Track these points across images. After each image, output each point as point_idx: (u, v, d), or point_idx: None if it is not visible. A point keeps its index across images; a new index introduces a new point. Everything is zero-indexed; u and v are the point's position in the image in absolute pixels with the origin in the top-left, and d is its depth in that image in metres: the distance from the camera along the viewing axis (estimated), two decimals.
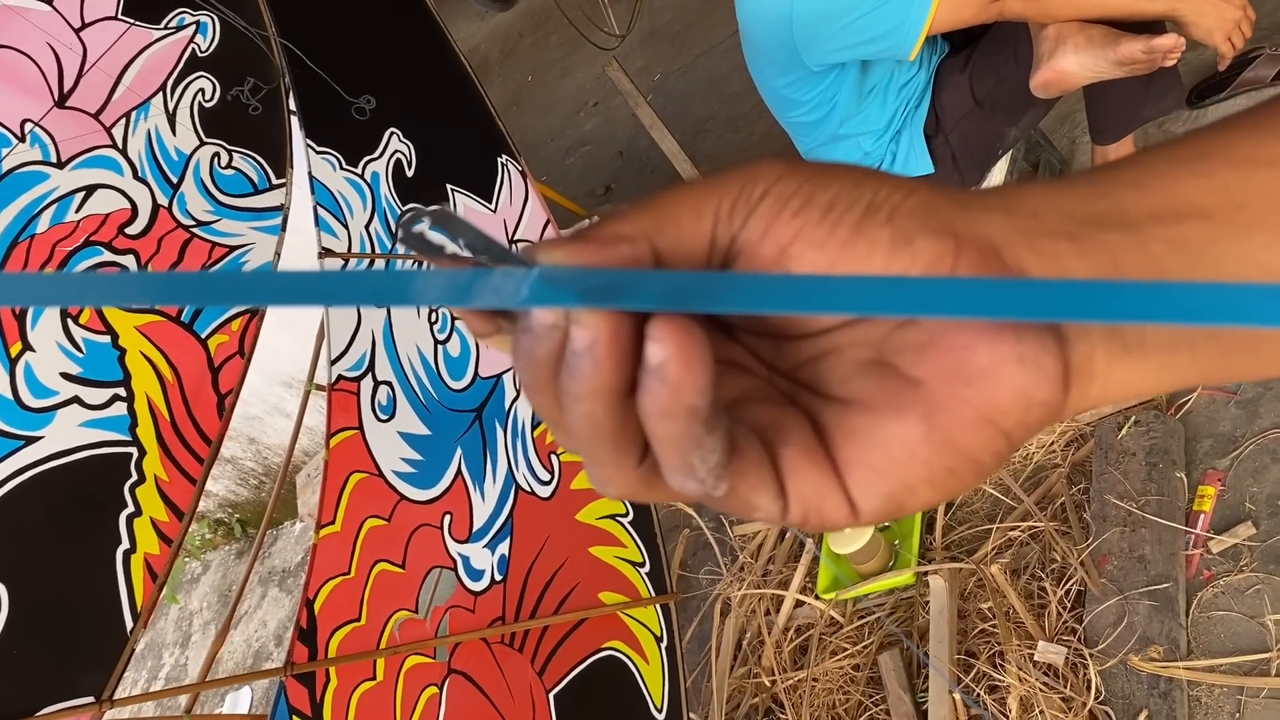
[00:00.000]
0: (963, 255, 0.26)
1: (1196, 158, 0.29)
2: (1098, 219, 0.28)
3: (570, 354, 0.26)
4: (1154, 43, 1.58)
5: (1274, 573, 1.52)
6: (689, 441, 0.26)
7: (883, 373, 0.28)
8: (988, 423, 0.26)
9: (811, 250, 0.27)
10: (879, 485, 0.28)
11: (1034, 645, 1.58)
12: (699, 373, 0.25)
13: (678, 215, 0.28)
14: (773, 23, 1.77)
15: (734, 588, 2.08)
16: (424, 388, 1.80)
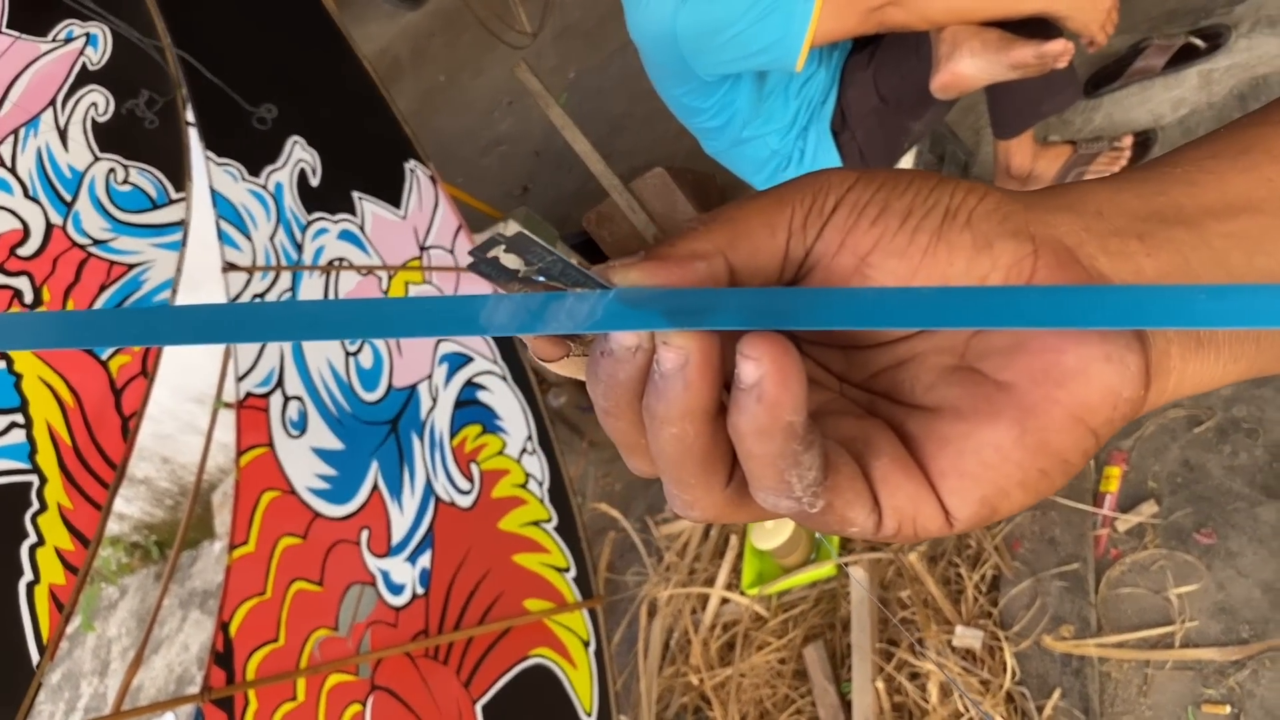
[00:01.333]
0: (1041, 257, 0.27)
1: (1238, 154, 0.30)
2: (1160, 216, 0.28)
3: (658, 376, 0.25)
4: (1043, 49, 1.63)
5: (1176, 548, 1.56)
6: (786, 460, 0.25)
7: (969, 379, 0.28)
8: (1078, 422, 0.26)
9: (892, 259, 0.27)
10: (974, 491, 0.27)
11: (952, 630, 1.61)
12: (795, 389, 0.24)
13: (751, 230, 0.28)
14: (659, 38, 1.79)
15: (660, 588, 2.08)
16: (336, 401, 1.77)
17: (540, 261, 0.25)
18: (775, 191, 0.28)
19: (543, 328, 0.25)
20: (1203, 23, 2.18)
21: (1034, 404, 0.26)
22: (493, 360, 2.01)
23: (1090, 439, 0.27)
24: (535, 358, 0.28)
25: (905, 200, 0.27)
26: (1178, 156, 0.30)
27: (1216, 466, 1.61)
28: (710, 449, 0.26)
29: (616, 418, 0.27)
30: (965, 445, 0.27)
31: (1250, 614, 1.46)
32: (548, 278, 0.25)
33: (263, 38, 2.08)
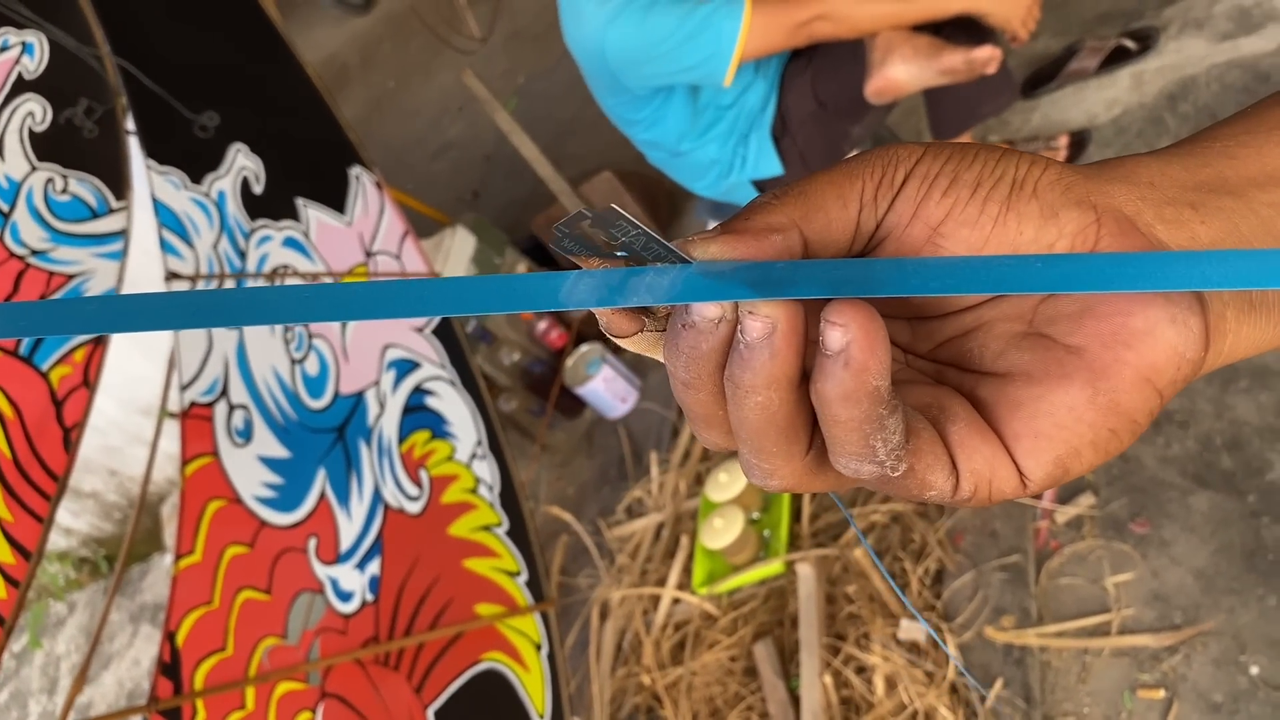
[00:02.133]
0: (1104, 226, 0.28)
1: (1270, 129, 0.32)
2: (1208, 186, 0.30)
3: (743, 346, 0.26)
4: (972, 55, 1.67)
5: (1112, 538, 1.60)
6: (871, 424, 0.26)
7: (1039, 344, 0.29)
8: (1146, 382, 0.27)
9: (964, 228, 0.28)
10: (1049, 452, 0.28)
11: (897, 624, 1.63)
12: (881, 353, 0.25)
13: (824, 203, 0.28)
14: (591, 53, 1.82)
15: (613, 589, 2.09)
16: (282, 409, 1.76)
17: (624, 236, 0.25)
18: (845, 165, 0.29)
19: (623, 300, 0.26)
20: (1134, 25, 2.23)
21: (1105, 365, 0.27)
22: (440, 366, 2.01)
23: (1156, 399, 0.28)
24: (608, 333, 0.29)
25: (974, 171, 0.28)
26: (1213, 133, 0.32)
27: (1151, 458, 1.65)
28: (793, 417, 0.27)
29: (697, 390, 0.28)
30: (1039, 407, 0.28)
31: (1183, 600, 1.50)
32: (629, 253, 0.26)
33: (204, 45, 2.07)
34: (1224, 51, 2.03)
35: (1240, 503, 1.53)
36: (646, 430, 2.46)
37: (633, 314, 0.28)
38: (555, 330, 2.64)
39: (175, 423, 1.65)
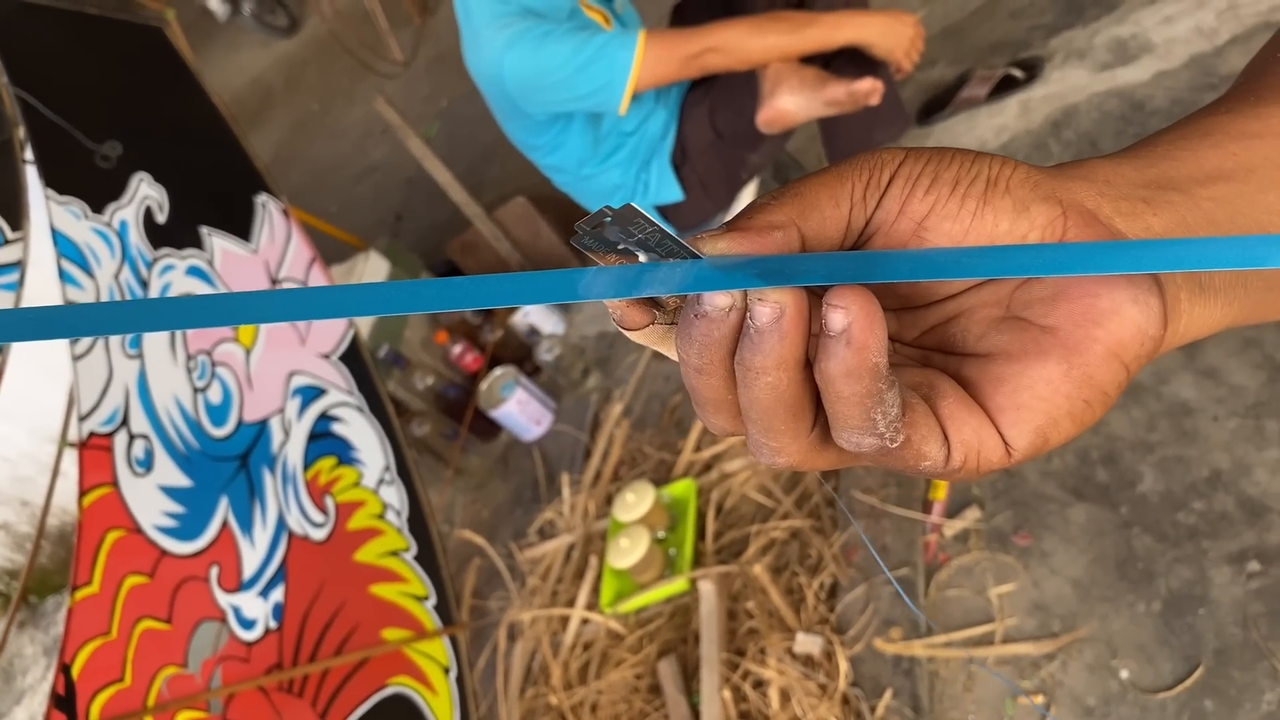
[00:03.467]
0: (1070, 218, 0.31)
1: (1204, 134, 0.36)
2: (1156, 184, 0.33)
3: (754, 331, 0.28)
4: (854, 87, 1.74)
5: (996, 551, 1.66)
6: (872, 398, 0.28)
7: (1016, 326, 0.32)
8: (1114, 357, 0.30)
9: (946, 222, 0.31)
10: (1030, 422, 0.31)
11: (794, 638, 1.68)
12: (880, 332, 0.27)
13: (818, 202, 0.31)
14: (490, 79, 1.85)
15: (523, 611, 2.11)
16: (184, 438, 1.76)
17: (641, 233, 0.28)
18: (836, 168, 0.32)
19: (639, 292, 0.28)
20: (1021, 55, 2.33)
21: (1077, 342, 0.30)
22: (348, 392, 2.02)
23: (1123, 372, 0.31)
24: (621, 325, 0.31)
25: (952, 171, 0.31)
26: (1155, 140, 0.36)
27: (1033, 472, 1.72)
28: (800, 396, 0.30)
29: (709, 375, 0.30)
30: (1019, 382, 0.31)
31: (1061, 609, 1.56)
32: (645, 249, 0.28)
33: (106, 75, 2.06)
34: (1103, 81, 2.13)
35: (1114, 514, 1.60)
36: (561, 452, 2.48)
37: (644, 308, 0.30)
38: (470, 354, 2.66)
39: (75, 453, 1.64)
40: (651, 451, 2.26)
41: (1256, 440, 1.55)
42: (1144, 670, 1.45)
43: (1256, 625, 1.40)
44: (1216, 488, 1.54)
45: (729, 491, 2.03)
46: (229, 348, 1.89)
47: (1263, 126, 0.36)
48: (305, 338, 2.02)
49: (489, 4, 1.85)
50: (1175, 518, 1.55)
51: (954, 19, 2.64)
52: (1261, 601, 1.41)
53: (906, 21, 1.85)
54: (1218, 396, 1.62)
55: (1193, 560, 1.50)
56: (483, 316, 2.76)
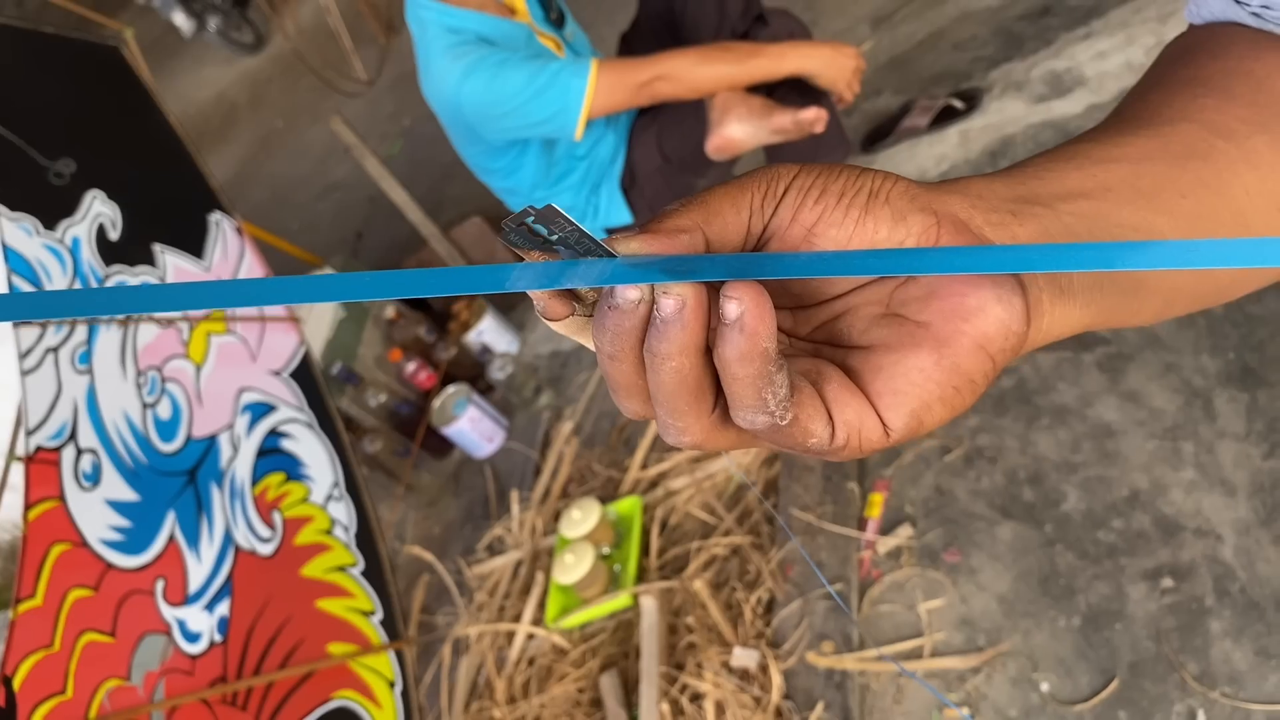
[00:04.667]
0: (943, 227, 0.34)
1: (1068, 159, 0.40)
2: (1023, 199, 0.37)
3: (659, 321, 0.31)
4: (798, 116, 1.80)
5: (927, 567, 1.71)
6: (763, 379, 0.32)
7: (894, 321, 0.35)
8: (980, 349, 0.34)
9: (832, 229, 0.34)
10: (905, 405, 0.35)
11: (730, 652, 1.72)
12: (769, 320, 0.31)
13: (721, 210, 0.34)
14: (447, 106, 1.90)
15: (469, 627, 2.14)
16: (132, 453, 1.78)
17: (561, 231, 0.30)
18: (737, 180, 0.35)
19: (559, 284, 0.31)
20: (963, 86, 2.40)
21: (947, 336, 0.34)
22: (298, 409, 2.05)
23: (989, 363, 0.35)
24: (544, 316, 0.34)
25: (839, 184, 0.34)
26: (1025, 164, 0.40)
27: (963, 491, 1.77)
28: (701, 379, 0.33)
29: (620, 361, 0.33)
30: (895, 370, 0.35)
31: (987, 624, 1.62)
32: (565, 246, 0.31)
33: (62, 94, 2.09)
34: (1039, 113, 2.20)
35: (1039, 532, 1.66)
36: (512, 469, 2.52)
37: (565, 300, 0.33)
38: (424, 372, 2.69)
39: (21, 467, 1.66)
40: (600, 469, 2.30)
41: (1173, 461, 1.61)
42: (1063, 683, 1.50)
43: (1168, 639, 1.45)
44: (1135, 507, 1.60)
45: (673, 509, 2.07)
46: (179, 364, 1.91)
47: (1121, 153, 0.41)
48: (256, 355, 2.05)
49: (444, 33, 1.90)
50: (1096, 536, 1.60)
51: (901, 49, 2.71)
52: (1173, 616, 1.47)
53: (848, 53, 1.92)
54: (1139, 419, 1.68)
55: (1111, 577, 1.56)
56: (437, 334, 2.79)
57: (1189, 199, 0.42)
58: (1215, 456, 1.58)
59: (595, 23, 3.99)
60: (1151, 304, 0.44)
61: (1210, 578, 1.48)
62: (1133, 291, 0.42)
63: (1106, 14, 2.30)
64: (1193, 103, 0.46)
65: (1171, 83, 0.48)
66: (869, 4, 3.01)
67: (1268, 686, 1.35)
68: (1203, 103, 0.46)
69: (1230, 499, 1.53)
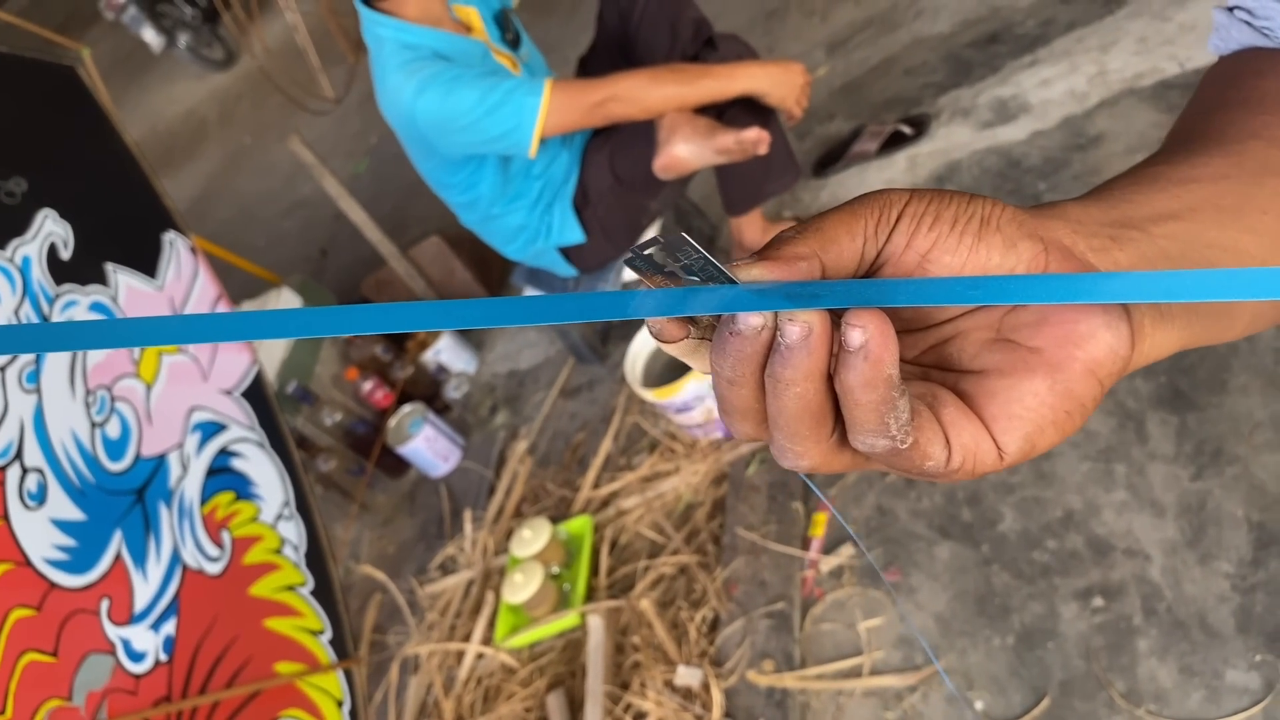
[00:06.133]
0: (1050, 254, 0.35)
1: (1149, 181, 0.41)
2: (1119, 223, 0.38)
3: (784, 348, 0.32)
4: (740, 137, 1.83)
5: (868, 586, 1.74)
6: (886, 405, 0.32)
7: (1006, 347, 0.36)
8: (1091, 374, 0.35)
9: (946, 255, 0.35)
10: (1021, 429, 0.35)
11: (674, 670, 1.74)
12: (893, 347, 0.31)
13: (837, 236, 0.34)
14: (403, 119, 1.92)
15: (419, 646, 2.14)
16: (79, 472, 1.78)
17: (686, 258, 0.31)
18: (849, 206, 0.35)
19: (684, 312, 0.31)
20: (912, 111, 2.44)
21: (1060, 361, 0.35)
22: (249, 428, 2.05)
23: (1098, 387, 0.36)
24: (659, 339, 0.34)
25: (952, 210, 0.35)
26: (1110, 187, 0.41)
27: (904, 511, 1.80)
28: (824, 404, 0.33)
29: (741, 386, 0.34)
30: (1011, 395, 0.35)
31: (925, 642, 1.64)
32: (687, 272, 0.31)
33: (14, 113, 2.09)
34: (985, 139, 2.25)
35: (976, 552, 1.69)
36: (467, 489, 2.53)
37: (681, 324, 0.34)
38: (381, 390, 2.70)
39: None
40: (553, 489, 2.31)
41: (1105, 483, 1.64)
42: (996, 701, 1.53)
43: (1098, 657, 1.48)
44: (1069, 527, 1.63)
45: (623, 528, 2.09)
46: (129, 383, 1.92)
47: (1198, 173, 0.43)
48: (207, 374, 2.06)
49: (399, 49, 1.92)
50: (1031, 556, 1.64)
51: (854, 75, 2.76)
52: (1103, 635, 1.50)
53: (795, 71, 1.95)
54: (1074, 441, 1.72)
55: (1044, 596, 1.59)
56: (394, 353, 2.80)
57: (1270, 214, 0.43)
58: (1146, 478, 1.62)
59: (560, 44, 4.02)
60: (1241, 321, 0.45)
61: (1139, 597, 1.51)
62: (1225, 312, 0.43)
63: (1051, 43, 2.36)
64: (1254, 120, 0.48)
65: (1229, 104, 0.50)
66: (825, 29, 3.06)
67: (1190, 704, 1.38)
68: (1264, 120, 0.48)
69: (1159, 520, 1.57)
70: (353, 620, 2.05)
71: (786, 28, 3.24)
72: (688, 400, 1.97)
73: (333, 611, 2.01)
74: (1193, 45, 2.10)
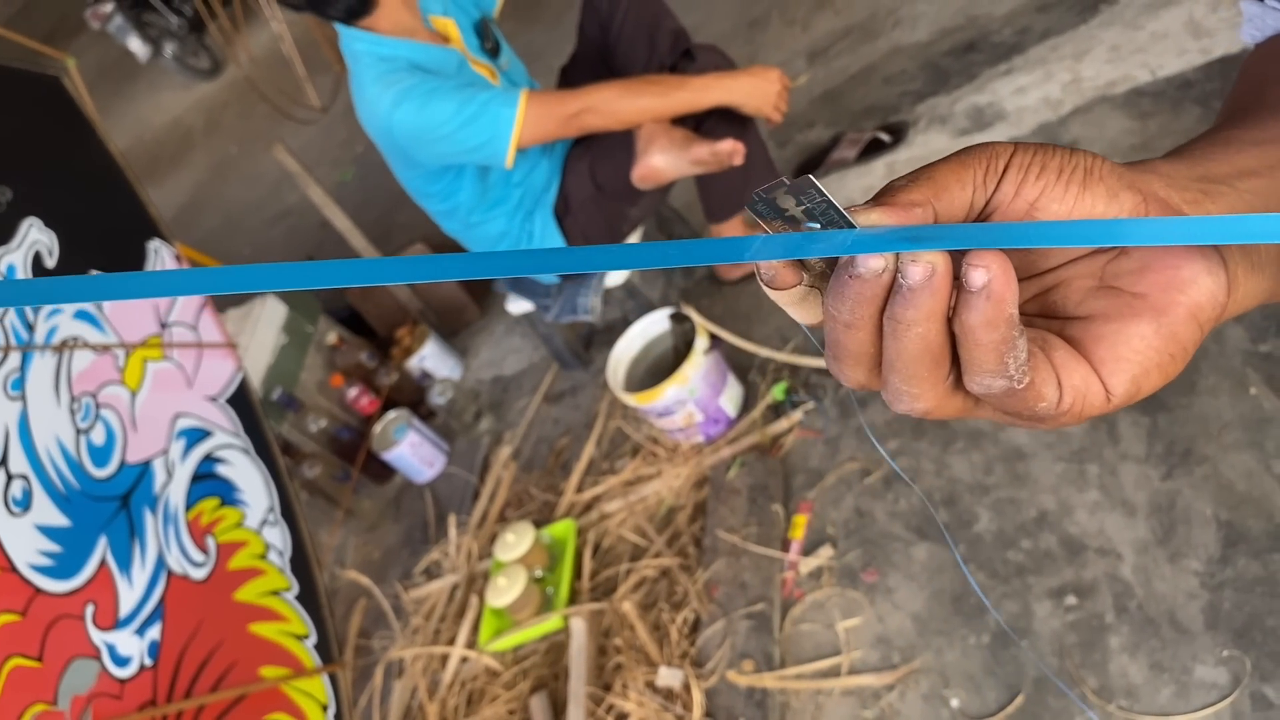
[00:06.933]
0: (1149, 204, 0.37)
1: (1224, 143, 0.43)
2: (1206, 179, 0.40)
3: (906, 289, 0.32)
4: (716, 148, 1.86)
5: (847, 587, 1.76)
6: (1006, 344, 0.33)
7: (1111, 293, 0.38)
8: (1193, 318, 0.36)
9: (1054, 204, 0.36)
10: (1128, 371, 0.37)
11: (656, 672, 1.75)
12: (1014, 286, 0.32)
13: (948, 185, 0.35)
14: (381, 131, 1.94)
15: (404, 650, 2.16)
16: (64, 479, 1.79)
17: (810, 201, 0.31)
18: (958, 157, 0.36)
19: (806, 254, 0.32)
20: (890, 119, 2.47)
21: (1164, 305, 0.36)
22: (234, 434, 2.07)
23: (1199, 332, 0.37)
24: (770, 286, 0.35)
25: (1056, 161, 0.36)
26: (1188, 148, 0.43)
27: (882, 512, 1.83)
28: (943, 346, 0.34)
29: (858, 329, 0.35)
30: (1118, 338, 0.37)
31: (902, 642, 1.66)
32: (809, 216, 0.32)
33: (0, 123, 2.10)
34: (961, 146, 2.27)
35: (951, 552, 1.71)
36: (452, 494, 2.54)
37: (796, 270, 0.35)
38: (366, 397, 2.72)
39: None
40: (537, 493, 2.33)
41: (1079, 483, 1.67)
42: (972, 699, 1.55)
43: (1071, 655, 1.51)
44: (1043, 527, 1.66)
45: (606, 531, 2.11)
46: (114, 390, 1.93)
47: (1269, 135, 0.45)
48: (192, 381, 2.07)
49: (376, 61, 1.94)
50: (1006, 555, 1.66)
51: (834, 83, 2.79)
52: (1076, 633, 1.53)
53: (770, 78, 1.98)
54: (1047, 442, 1.75)
55: (1019, 595, 1.61)
56: (379, 360, 2.81)
57: None
58: (1118, 478, 1.64)
59: (545, 53, 4.05)
60: None
61: (1110, 595, 1.54)
62: None
63: (1027, 51, 2.39)
64: None
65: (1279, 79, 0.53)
66: (806, 38, 3.09)
67: (1160, 699, 1.41)
68: None
69: (1130, 519, 1.59)
70: (338, 625, 2.06)
71: (768, 36, 3.27)
72: (669, 405, 1.99)
73: (317, 616, 2.02)
74: (1164, 53, 2.14)
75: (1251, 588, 1.43)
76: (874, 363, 0.36)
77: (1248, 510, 1.50)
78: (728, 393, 2.08)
